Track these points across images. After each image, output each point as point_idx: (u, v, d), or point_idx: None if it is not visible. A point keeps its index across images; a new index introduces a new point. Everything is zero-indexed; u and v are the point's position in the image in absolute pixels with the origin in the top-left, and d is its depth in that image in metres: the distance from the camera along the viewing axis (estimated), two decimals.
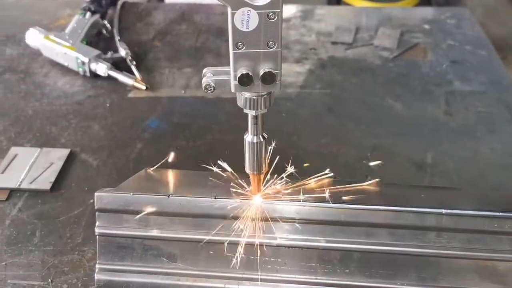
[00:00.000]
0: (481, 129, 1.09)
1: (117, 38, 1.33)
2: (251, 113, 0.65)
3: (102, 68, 1.21)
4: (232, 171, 0.75)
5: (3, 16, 1.49)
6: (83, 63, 1.22)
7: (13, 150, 1.01)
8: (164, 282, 0.70)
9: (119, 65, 1.24)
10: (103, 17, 1.39)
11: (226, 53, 1.44)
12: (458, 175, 0.97)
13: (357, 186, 0.73)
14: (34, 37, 1.28)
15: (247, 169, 0.69)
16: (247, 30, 0.58)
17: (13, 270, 0.80)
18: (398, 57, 1.32)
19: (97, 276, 0.71)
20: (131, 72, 1.23)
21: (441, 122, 1.10)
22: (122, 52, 1.27)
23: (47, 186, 0.93)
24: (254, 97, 0.63)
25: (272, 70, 0.60)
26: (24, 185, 0.93)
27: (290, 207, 0.68)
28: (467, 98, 1.17)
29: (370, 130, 1.09)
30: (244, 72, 0.60)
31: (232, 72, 0.61)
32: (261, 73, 0.60)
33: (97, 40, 1.35)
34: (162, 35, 1.41)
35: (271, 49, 0.59)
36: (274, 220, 0.69)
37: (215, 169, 0.75)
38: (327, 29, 1.43)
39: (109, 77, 1.21)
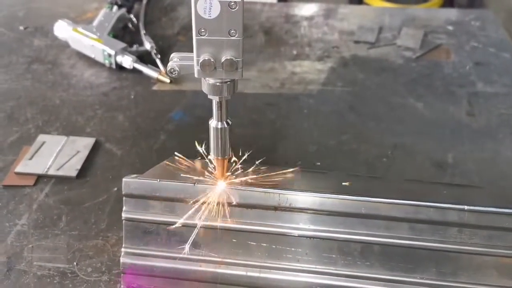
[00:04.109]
0: (504, 131, 1.08)
1: (142, 32, 1.35)
2: (215, 99, 0.67)
3: (127, 61, 1.24)
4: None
5: (32, 7, 1.53)
6: (109, 55, 1.24)
7: (41, 137, 1.04)
8: (187, 268, 0.71)
9: (144, 58, 1.27)
10: (129, 11, 1.42)
11: (248, 49, 1.46)
12: (479, 176, 0.97)
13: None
14: (62, 29, 1.31)
15: (212, 154, 0.71)
16: (209, 17, 0.60)
17: (39, 252, 0.82)
18: (421, 58, 1.32)
19: (122, 260, 0.73)
20: (156, 65, 1.25)
21: (463, 123, 1.10)
22: (147, 45, 1.30)
23: (73, 173, 0.96)
24: (218, 84, 0.65)
25: (234, 58, 0.62)
26: (51, 172, 0.96)
27: (314, 199, 0.69)
28: (490, 99, 1.17)
29: (391, 128, 1.09)
30: (206, 58, 0.62)
31: (195, 58, 0.63)
32: (223, 60, 0.62)
33: (123, 33, 1.37)
34: (187, 30, 1.43)
35: (233, 38, 0.61)
36: (296, 210, 0.70)
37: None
38: (350, 28, 1.44)
39: (134, 70, 1.24)
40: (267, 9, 1.55)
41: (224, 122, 0.69)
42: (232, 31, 0.61)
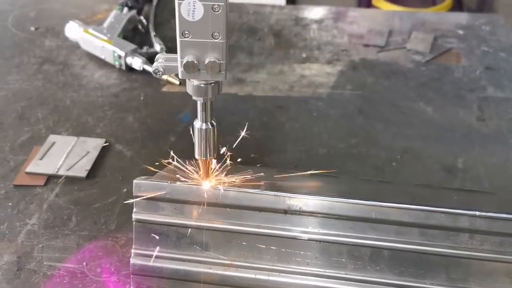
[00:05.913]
0: None
1: (152, 33, 1.36)
2: (199, 100, 0.68)
3: (137, 62, 1.24)
4: None
5: (43, 8, 1.54)
6: (120, 56, 1.25)
7: (51, 138, 1.04)
8: (196, 270, 0.71)
9: (154, 59, 1.27)
10: (139, 12, 1.42)
11: (258, 51, 1.46)
12: (489, 181, 0.96)
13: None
14: (73, 30, 1.32)
15: (197, 155, 0.72)
16: (193, 20, 0.60)
17: (50, 252, 0.82)
18: (430, 62, 1.31)
19: (132, 261, 0.73)
20: None
21: (473, 128, 1.10)
22: (157, 47, 1.30)
23: (83, 173, 0.96)
24: (202, 85, 0.66)
25: (217, 60, 0.62)
26: (61, 172, 0.96)
27: (324, 202, 0.69)
28: (501, 104, 1.16)
29: (400, 132, 1.09)
30: (189, 60, 0.62)
31: (179, 59, 0.63)
32: (206, 62, 0.63)
33: (133, 35, 1.38)
34: None
35: (216, 40, 0.62)
36: (306, 214, 0.70)
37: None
38: (359, 32, 1.44)
39: (144, 71, 1.24)
40: (276, 11, 1.55)
41: (209, 123, 0.70)
42: (216, 33, 0.61)
